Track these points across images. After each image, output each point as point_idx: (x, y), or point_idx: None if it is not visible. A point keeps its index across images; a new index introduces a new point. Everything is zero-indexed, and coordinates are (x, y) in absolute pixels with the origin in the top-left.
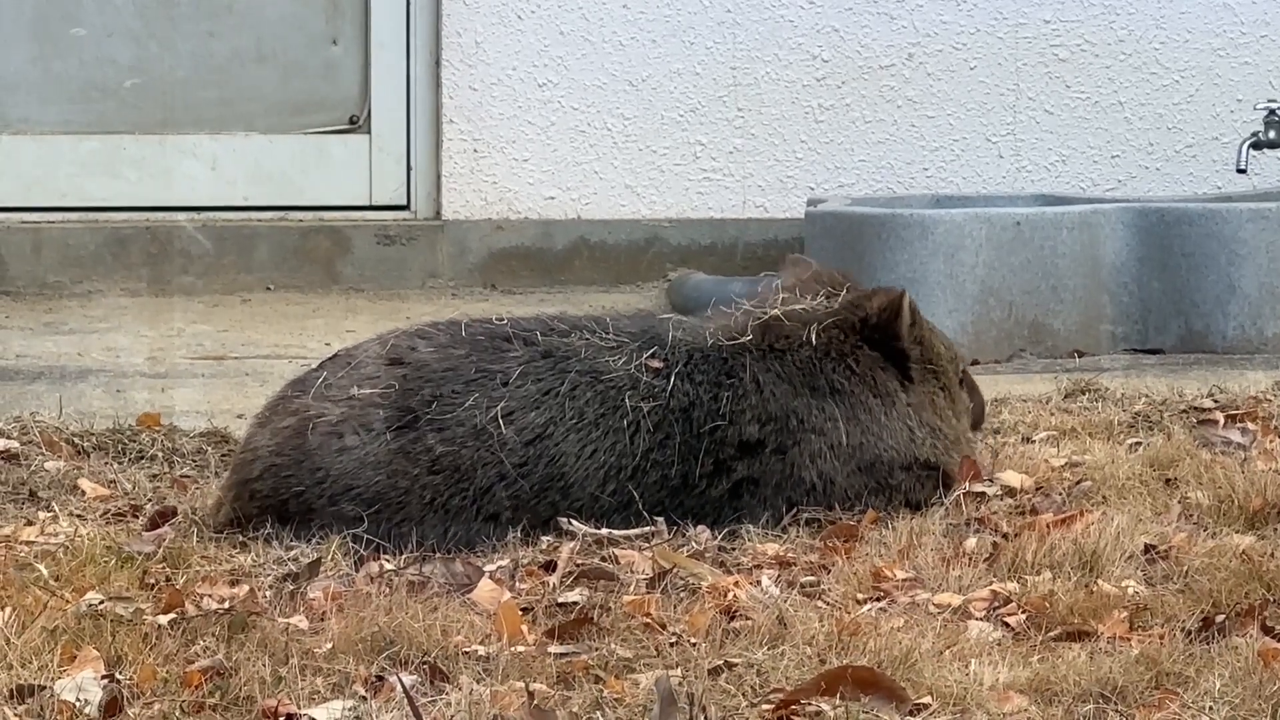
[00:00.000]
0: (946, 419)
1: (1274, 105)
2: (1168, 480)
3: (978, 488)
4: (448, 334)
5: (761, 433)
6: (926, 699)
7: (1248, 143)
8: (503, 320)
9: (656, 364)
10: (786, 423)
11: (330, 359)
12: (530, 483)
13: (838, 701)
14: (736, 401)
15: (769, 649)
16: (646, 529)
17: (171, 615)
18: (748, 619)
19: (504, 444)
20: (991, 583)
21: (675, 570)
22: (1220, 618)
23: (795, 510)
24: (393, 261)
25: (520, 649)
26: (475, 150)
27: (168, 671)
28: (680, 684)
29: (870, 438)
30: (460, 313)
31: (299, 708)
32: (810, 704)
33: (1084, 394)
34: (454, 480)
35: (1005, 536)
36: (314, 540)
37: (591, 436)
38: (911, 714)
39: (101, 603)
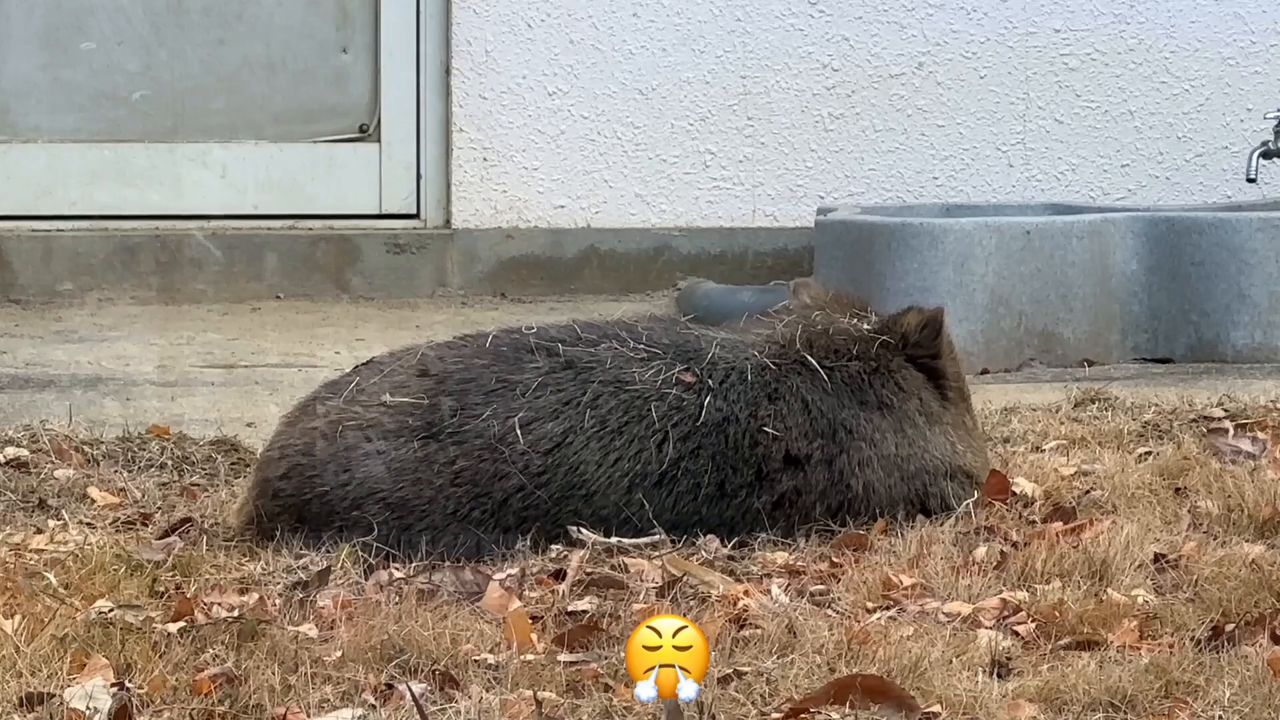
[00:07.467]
0: (979, 439)
1: None
2: (1177, 489)
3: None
4: (475, 345)
5: (809, 448)
6: (936, 707)
7: (1258, 152)
8: (532, 329)
9: (689, 378)
10: (834, 435)
11: (365, 364)
12: (549, 492)
13: (847, 710)
14: (780, 419)
15: (779, 657)
16: (655, 537)
17: (181, 623)
18: (757, 627)
19: (520, 455)
20: (1001, 591)
21: (685, 578)
22: (1230, 627)
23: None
24: (402, 270)
25: (530, 657)
26: (485, 159)
27: (177, 679)
28: None
29: (916, 449)
30: (475, 323)
31: (308, 716)
32: (820, 712)
33: (1094, 403)
34: (474, 494)
35: (1015, 545)
36: (324, 548)
37: (615, 444)
38: None
39: (111, 611)
